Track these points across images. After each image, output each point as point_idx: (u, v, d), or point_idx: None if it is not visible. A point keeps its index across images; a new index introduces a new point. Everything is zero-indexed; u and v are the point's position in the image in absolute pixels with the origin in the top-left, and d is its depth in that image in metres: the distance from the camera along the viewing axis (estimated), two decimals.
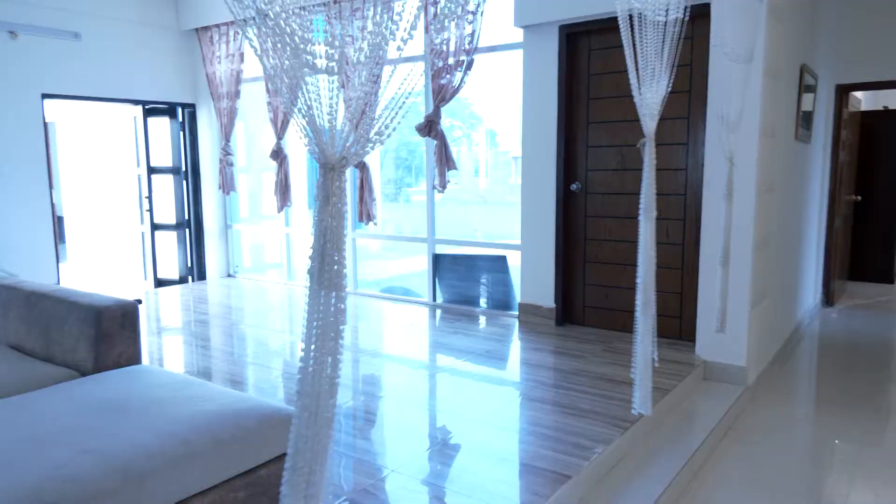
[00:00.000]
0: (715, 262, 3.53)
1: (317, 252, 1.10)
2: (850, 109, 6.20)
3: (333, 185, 1.08)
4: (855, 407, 3.69)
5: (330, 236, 1.08)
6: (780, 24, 3.76)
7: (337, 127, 1.10)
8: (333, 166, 1.08)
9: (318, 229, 1.09)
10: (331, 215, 1.08)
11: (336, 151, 1.08)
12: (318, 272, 1.11)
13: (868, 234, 7.31)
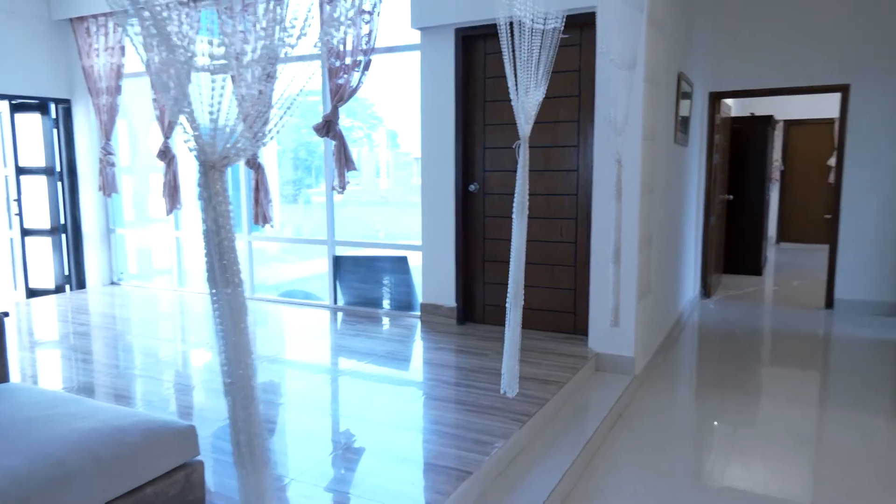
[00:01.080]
0: (605, 259, 3.72)
1: (209, 253, 1.06)
2: (722, 115, 6.72)
3: (215, 185, 1.04)
4: (730, 390, 4.00)
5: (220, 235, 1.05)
6: (659, 34, 4.01)
7: (219, 125, 1.06)
8: (214, 165, 1.04)
9: (209, 230, 1.05)
10: (215, 215, 1.04)
11: (217, 150, 1.04)
12: (212, 273, 1.07)
13: (739, 230, 7.95)
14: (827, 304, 6.11)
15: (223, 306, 1.15)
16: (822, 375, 4.43)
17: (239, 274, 1.12)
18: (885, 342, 5.03)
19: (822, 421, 3.56)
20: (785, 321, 5.82)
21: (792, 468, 3.01)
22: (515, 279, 2.46)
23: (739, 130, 7.83)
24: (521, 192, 2.40)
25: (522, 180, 2.39)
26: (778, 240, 10.72)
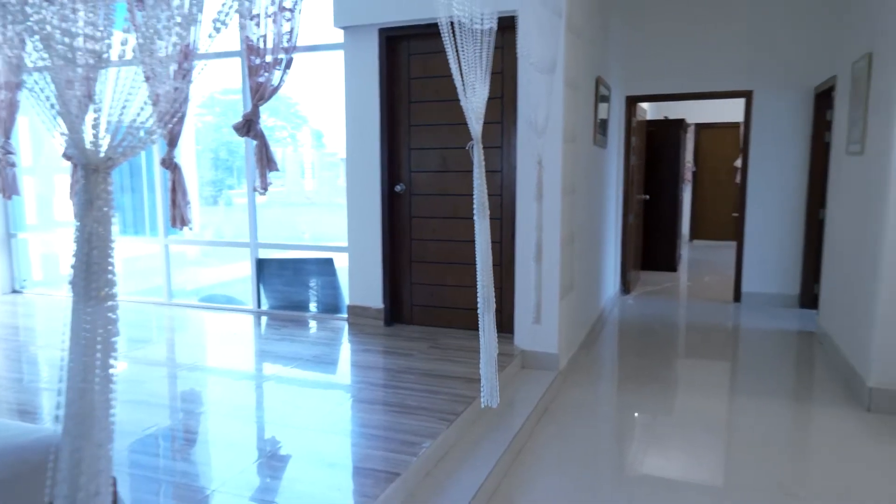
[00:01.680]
0: (529, 258, 3.79)
1: (80, 261, 0.99)
2: (638, 118, 7.00)
3: (98, 188, 0.99)
4: (649, 382, 4.18)
5: (96, 243, 0.99)
6: (577, 39, 4.13)
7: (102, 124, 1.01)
8: (97, 167, 0.99)
9: (81, 236, 0.99)
10: (96, 221, 0.98)
11: (99, 151, 0.99)
12: (83, 283, 1.00)
13: (656, 229, 8.31)
14: (735, 298, 6.48)
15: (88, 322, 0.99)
16: (732, 365, 4.69)
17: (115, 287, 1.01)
18: (787, 332, 5.39)
19: (732, 408, 3.77)
20: (698, 314, 6.13)
21: (706, 454, 3.17)
22: (484, 282, 2.42)
23: (654, 133, 8.18)
24: (479, 192, 2.41)
25: (480, 181, 2.40)
26: (691, 237, 11.27)
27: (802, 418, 3.63)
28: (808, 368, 4.53)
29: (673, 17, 6.30)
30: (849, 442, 3.26)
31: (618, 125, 6.37)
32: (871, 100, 3.90)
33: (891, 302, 3.53)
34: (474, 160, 2.36)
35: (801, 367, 4.58)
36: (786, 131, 6.05)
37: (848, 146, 4.44)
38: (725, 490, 2.81)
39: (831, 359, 4.55)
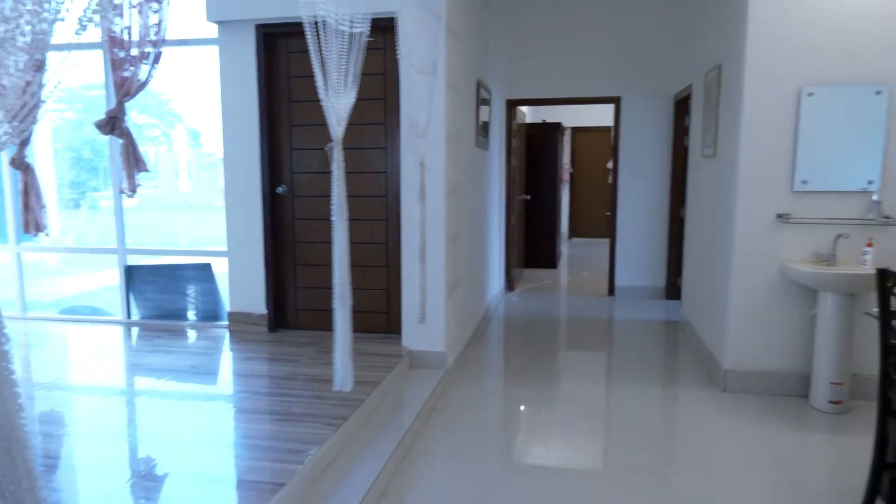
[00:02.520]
0: (414, 258, 3.82)
1: None
2: (518, 121, 7.26)
3: None
4: (534, 374, 4.34)
5: None
6: (458, 42, 4.22)
7: None
8: None
9: None
10: None
11: None
12: None
13: (537, 227, 8.65)
14: (610, 292, 6.88)
15: None
16: (608, 354, 4.98)
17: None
18: (655, 322, 5.80)
19: (609, 395, 4.00)
20: (577, 308, 6.45)
21: (586, 440, 3.35)
22: (341, 279, 2.44)
23: (534, 136, 8.52)
24: (338, 193, 2.38)
25: (339, 182, 2.37)
26: (570, 235, 11.85)
27: (669, 401, 3.92)
28: (673, 355, 4.91)
29: (549, 25, 6.58)
30: (708, 420, 3.56)
31: (499, 128, 6.57)
32: (721, 107, 4.29)
33: (740, 292, 3.90)
34: (334, 162, 2.35)
35: (668, 353, 4.95)
36: (650, 135, 6.51)
37: (703, 150, 4.86)
38: (603, 473, 2.98)
39: (693, 345, 4.95)
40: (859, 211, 3.68)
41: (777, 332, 3.88)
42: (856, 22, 3.57)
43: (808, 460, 3.13)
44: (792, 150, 3.72)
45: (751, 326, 3.91)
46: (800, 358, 3.86)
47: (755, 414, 3.62)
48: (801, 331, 3.84)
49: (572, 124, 11.29)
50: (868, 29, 3.56)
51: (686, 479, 2.88)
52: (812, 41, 3.63)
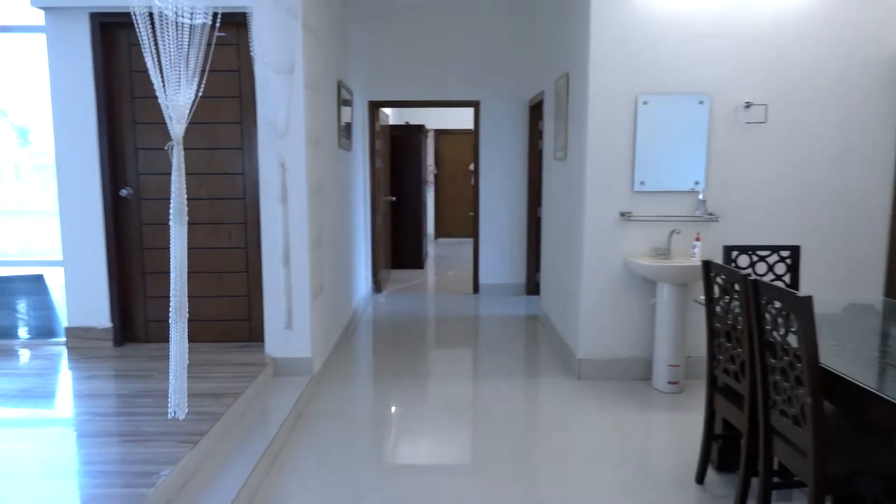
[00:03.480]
0: (277, 262, 3.70)
1: None
2: (381, 123, 7.27)
3: None
4: (404, 375, 4.37)
5: None
6: (316, 42, 4.14)
7: None
8: None
9: None
10: None
11: None
12: None
13: (403, 228, 8.72)
14: (474, 290, 7.09)
15: None
16: (474, 350, 5.13)
17: None
18: (517, 317, 6.07)
19: (476, 389, 4.12)
20: (444, 307, 6.58)
21: (456, 435, 3.42)
22: (178, 291, 2.26)
23: (398, 137, 8.57)
24: (177, 196, 2.23)
25: (178, 184, 2.23)
26: (436, 236, 12.06)
27: (531, 392, 4.11)
28: (533, 348, 5.15)
29: (409, 29, 6.65)
30: (565, 407, 3.78)
31: (362, 129, 6.53)
32: (570, 113, 4.58)
33: (590, 286, 4.18)
34: (173, 162, 2.22)
35: (529, 347, 5.19)
36: (508, 138, 6.79)
37: (555, 153, 5.15)
38: (473, 466, 3.06)
39: (551, 337, 5.24)
40: (689, 208, 4.08)
41: (623, 322, 4.20)
42: (683, 38, 3.96)
43: (651, 437, 3.42)
44: (631, 154, 4.04)
45: (600, 318, 4.20)
46: (643, 344, 4.21)
47: (606, 399, 3.90)
48: (643, 320, 4.19)
49: (436, 126, 11.50)
50: (693, 45, 3.96)
51: (548, 465, 3.03)
52: (646, 54, 3.97)
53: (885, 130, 4.05)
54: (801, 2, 3.94)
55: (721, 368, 2.69)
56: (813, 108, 4.03)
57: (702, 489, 2.81)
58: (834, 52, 3.98)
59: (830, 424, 2.31)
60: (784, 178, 4.09)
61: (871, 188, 4.10)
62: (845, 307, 2.95)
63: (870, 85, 4.01)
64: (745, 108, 4.01)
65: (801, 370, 2.01)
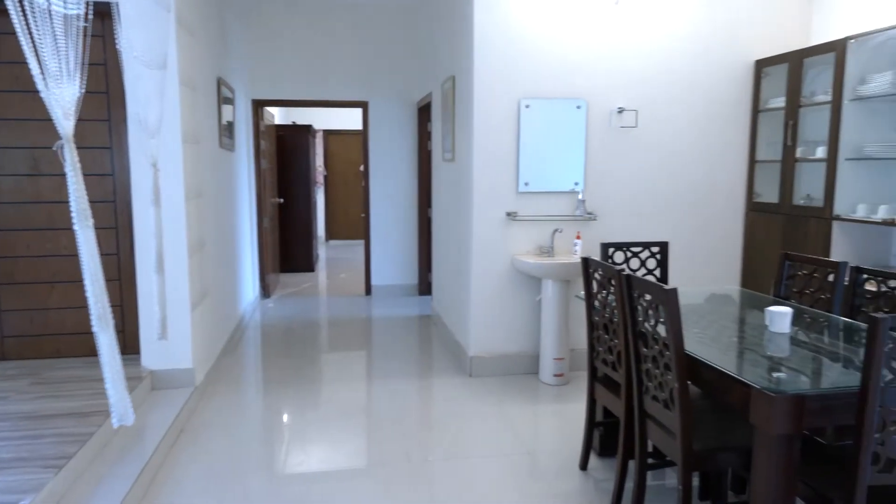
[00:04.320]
0: (151, 269, 3.48)
1: None
2: (266, 122, 7.04)
3: None
4: (295, 381, 4.25)
5: None
6: (191, 36, 3.93)
7: None
8: None
9: None
10: None
11: None
12: None
13: (292, 231, 8.49)
14: (367, 291, 7.04)
15: None
16: (367, 352, 5.08)
17: None
18: (410, 317, 6.09)
19: (370, 392, 4.08)
20: (336, 310, 6.47)
21: (350, 440, 3.37)
22: (97, 298, 2.08)
23: (284, 137, 8.34)
24: (77, 198, 2.06)
25: (77, 185, 2.05)
26: (327, 238, 11.85)
27: (424, 391, 4.14)
28: (426, 347, 5.19)
29: (294, 27, 6.49)
30: (458, 405, 3.84)
31: (246, 129, 6.30)
32: (457, 115, 4.65)
33: (479, 284, 4.27)
34: (66, 162, 2.05)
35: (422, 346, 5.22)
36: (398, 140, 6.80)
37: (443, 154, 5.22)
38: (368, 469, 3.03)
39: (443, 336, 5.30)
40: (570, 208, 4.27)
41: (511, 319, 4.33)
42: (562, 45, 4.14)
43: (539, 428, 3.55)
44: (516, 156, 4.17)
45: (490, 315, 4.31)
46: (530, 340, 4.36)
47: (496, 394, 4.00)
48: (530, 316, 4.34)
49: (324, 127, 11.30)
50: (570, 52, 4.15)
51: (442, 462, 3.06)
52: (527, 60, 4.11)
53: (741, 133, 4.45)
54: (667, 12, 4.24)
55: (600, 359, 2.84)
56: (679, 113, 4.35)
57: (585, 475, 2.95)
58: (697, 61, 4.32)
59: (695, 406, 2.50)
60: (654, 179, 4.38)
61: (729, 187, 4.49)
62: (707, 297, 3.20)
63: (728, 92, 4.39)
64: (618, 113, 4.26)
65: (669, 357, 2.16)
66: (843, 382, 1.91)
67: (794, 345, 2.33)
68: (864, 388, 1.75)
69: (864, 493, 1.79)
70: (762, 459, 1.90)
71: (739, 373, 2.00)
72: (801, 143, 4.04)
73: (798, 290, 3.04)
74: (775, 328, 2.43)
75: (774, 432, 1.85)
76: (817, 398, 1.86)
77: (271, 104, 6.67)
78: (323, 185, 11.58)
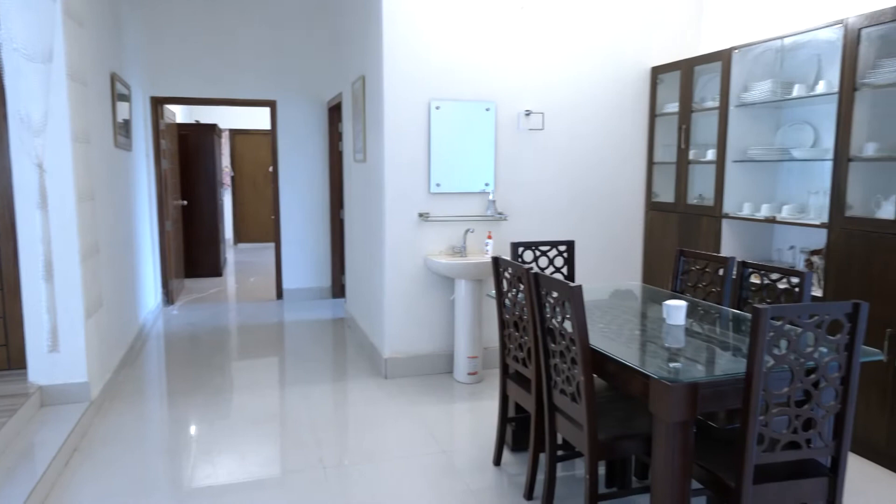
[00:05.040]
0: (38, 277, 3.24)
1: None
2: (167, 121, 6.71)
3: None
4: (203, 390, 4.07)
5: None
6: (80, 28, 3.69)
7: None
8: None
9: None
10: None
11: None
12: None
13: (197, 234, 8.15)
14: (278, 295, 6.87)
15: None
16: (280, 358, 4.95)
17: None
18: (323, 321, 5.99)
19: (283, 399, 3.98)
20: (245, 316, 6.26)
21: (263, 449, 3.26)
22: None
23: (187, 137, 7.99)
24: None
25: None
26: (235, 241, 11.46)
27: (339, 395, 4.08)
28: (341, 351, 5.12)
29: (197, 21, 6.22)
30: (374, 407, 3.81)
31: (144, 127, 5.98)
32: (367, 116, 4.62)
33: (393, 285, 4.26)
34: None
35: (336, 350, 5.15)
36: (308, 140, 6.67)
37: (355, 155, 5.17)
38: (281, 478, 2.94)
39: (358, 339, 5.25)
40: (481, 208, 4.35)
41: (425, 319, 4.35)
42: (471, 48, 4.20)
43: (454, 427, 3.58)
44: (427, 157, 4.20)
45: (404, 316, 4.31)
46: (445, 339, 4.40)
47: (411, 395, 4.00)
48: (444, 315, 4.38)
49: (231, 126, 10.92)
50: (480, 55, 4.22)
51: (358, 466, 3.03)
52: (437, 61, 4.14)
53: (640, 136, 4.68)
54: (569, 19, 4.40)
55: (512, 356, 2.90)
56: (583, 116, 4.52)
57: (499, 470, 3.01)
58: (598, 66, 4.51)
59: (601, 398, 2.61)
60: (560, 180, 4.53)
61: (630, 188, 4.72)
62: (611, 293, 3.35)
63: (628, 97, 4.61)
64: (526, 116, 4.37)
65: (576, 352, 2.24)
66: (732, 369, 2.05)
67: (688, 336, 2.48)
68: (749, 374, 1.88)
69: (752, 472, 1.93)
70: (660, 445, 2.01)
71: (639, 364, 2.10)
72: (694, 146, 4.30)
73: (692, 284, 3.23)
74: (672, 321, 2.57)
75: (671, 419, 1.96)
76: (709, 385, 1.99)
77: (172, 102, 6.37)
78: (230, 186, 11.19)
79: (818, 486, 2.04)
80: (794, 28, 3.66)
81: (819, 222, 3.34)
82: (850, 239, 3.13)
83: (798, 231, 3.86)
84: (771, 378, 1.92)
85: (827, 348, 2.05)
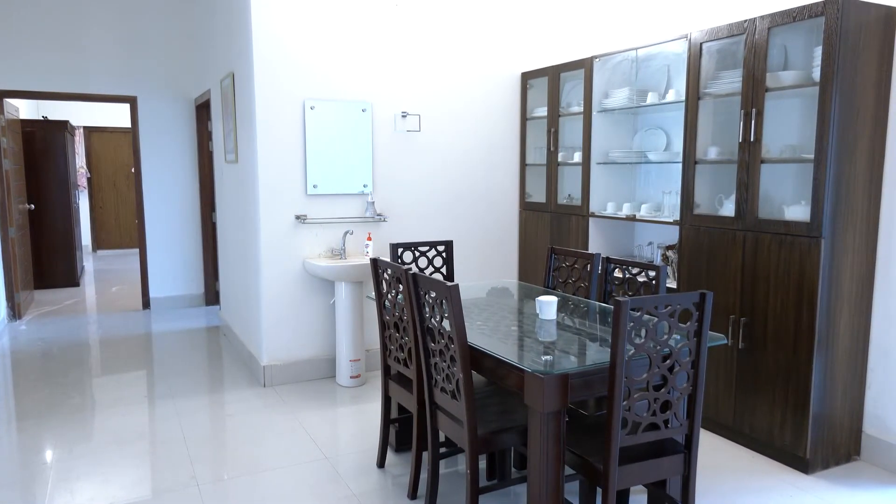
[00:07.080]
0: None
1: None
2: (9, 117, 6.07)
3: None
4: (58, 413, 3.72)
5: None
6: None
7: None
8: None
9: None
10: None
11: None
12: None
13: (48, 241, 7.44)
14: (144, 305, 6.43)
15: None
16: (148, 372, 4.63)
17: None
18: (196, 330, 5.68)
19: (153, 416, 3.72)
20: (107, 328, 5.80)
21: (131, 470, 3.03)
22: None
23: (34, 135, 7.28)
24: None
25: None
26: (94, 248, 10.57)
27: (215, 407, 3.89)
28: (216, 360, 4.88)
29: (44, 8, 5.67)
30: (253, 417, 3.68)
31: None
32: (238, 114, 4.44)
33: (269, 290, 4.13)
34: None
35: (211, 360, 4.90)
36: (174, 139, 6.30)
37: (226, 155, 4.95)
38: (152, 499, 2.75)
39: (235, 347, 5.03)
40: (360, 210, 4.32)
41: (305, 324, 4.26)
42: (346, 46, 4.15)
43: (337, 432, 3.54)
44: (303, 157, 4.11)
45: (282, 322, 4.19)
46: (325, 343, 4.33)
47: (292, 402, 3.90)
48: (324, 319, 4.30)
49: (85, 123, 10.06)
50: (355, 54, 4.19)
51: (237, 479, 2.91)
52: (311, 59, 4.06)
53: (513, 139, 4.86)
54: (443, 21, 4.48)
55: (393, 357, 2.91)
56: (458, 118, 4.62)
57: (383, 472, 3.01)
58: (472, 69, 4.63)
59: (479, 393, 2.69)
60: (439, 181, 4.61)
61: (505, 189, 4.88)
62: (488, 291, 3.45)
63: (501, 100, 4.77)
64: (403, 117, 4.40)
65: (454, 350, 2.29)
66: (599, 359, 2.19)
67: (560, 329, 2.61)
68: (612, 363, 2.02)
69: (617, 454, 2.07)
70: (535, 435, 2.10)
71: (514, 359, 2.19)
72: (562, 148, 4.54)
73: (563, 279, 3.41)
74: (544, 315, 2.70)
75: (545, 410, 2.06)
76: (579, 375, 2.11)
77: (13, 95, 5.76)
78: (87, 188, 10.31)
79: (675, 462, 2.23)
80: (647, 40, 3.96)
81: (672, 220, 3.64)
82: (698, 235, 3.45)
83: (655, 228, 4.19)
84: (632, 365, 2.07)
85: (679, 335, 2.24)
